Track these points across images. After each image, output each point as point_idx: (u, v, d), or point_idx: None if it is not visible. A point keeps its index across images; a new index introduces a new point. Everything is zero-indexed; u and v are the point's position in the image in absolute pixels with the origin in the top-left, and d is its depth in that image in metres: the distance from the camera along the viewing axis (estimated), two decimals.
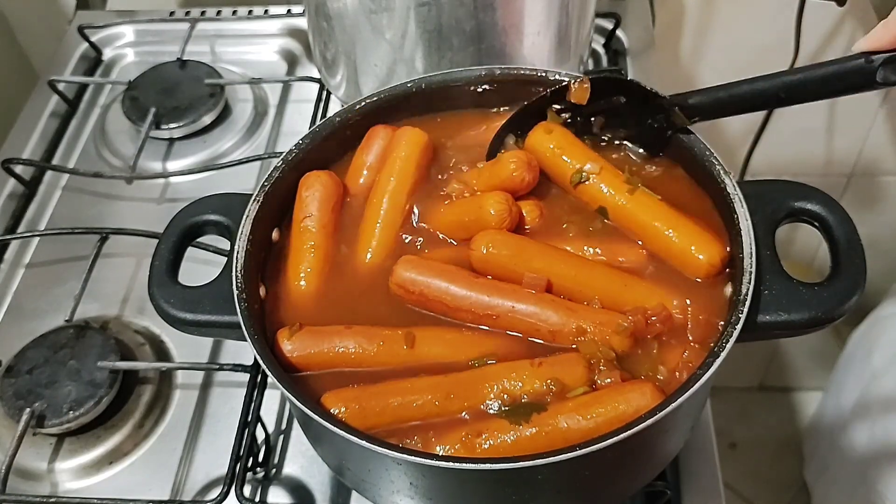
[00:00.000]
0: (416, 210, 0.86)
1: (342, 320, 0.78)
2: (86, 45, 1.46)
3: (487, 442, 0.69)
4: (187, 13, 1.49)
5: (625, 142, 0.89)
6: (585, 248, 0.82)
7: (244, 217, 0.81)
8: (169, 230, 0.84)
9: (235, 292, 0.75)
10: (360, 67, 1.12)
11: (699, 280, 0.78)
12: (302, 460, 0.95)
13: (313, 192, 0.85)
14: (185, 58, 1.37)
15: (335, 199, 0.87)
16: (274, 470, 0.95)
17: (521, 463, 0.62)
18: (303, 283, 0.82)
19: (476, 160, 0.90)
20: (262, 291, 0.81)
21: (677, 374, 0.72)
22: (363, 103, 0.92)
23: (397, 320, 0.78)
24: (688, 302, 0.76)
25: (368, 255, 0.84)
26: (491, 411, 0.71)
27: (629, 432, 0.63)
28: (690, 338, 0.74)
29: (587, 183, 0.84)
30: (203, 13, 1.49)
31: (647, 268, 0.80)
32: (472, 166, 0.89)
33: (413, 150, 0.88)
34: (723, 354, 0.67)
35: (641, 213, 0.81)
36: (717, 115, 0.81)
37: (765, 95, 0.77)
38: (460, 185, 0.87)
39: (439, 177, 0.89)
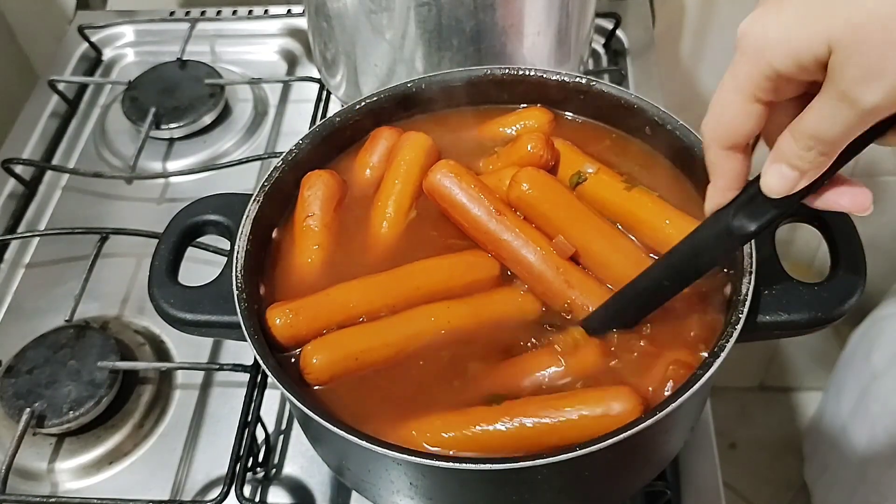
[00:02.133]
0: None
1: None
2: (86, 45, 1.46)
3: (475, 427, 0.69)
4: (187, 13, 1.49)
5: None
6: None
7: (244, 217, 0.80)
8: (169, 230, 0.84)
9: (235, 292, 0.75)
10: (360, 67, 1.12)
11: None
12: (302, 460, 0.95)
13: (315, 192, 0.85)
14: (185, 58, 1.37)
15: (337, 198, 0.87)
16: (274, 470, 0.95)
17: (521, 463, 0.62)
18: (305, 282, 0.82)
19: (478, 160, 0.90)
20: (261, 291, 0.80)
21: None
22: (363, 103, 0.92)
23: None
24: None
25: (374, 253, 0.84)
26: None
27: (630, 432, 0.63)
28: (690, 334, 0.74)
29: (585, 183, 0.84)
30: (203, 13, 1.49)
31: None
32: (474, 165, 0.89)
33: (418, 153, 0.87)
34: (723, 354, 0.67)
35: (639, 210, 0.81)
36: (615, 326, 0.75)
37: (652, 291, 0.72)
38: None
39: None
